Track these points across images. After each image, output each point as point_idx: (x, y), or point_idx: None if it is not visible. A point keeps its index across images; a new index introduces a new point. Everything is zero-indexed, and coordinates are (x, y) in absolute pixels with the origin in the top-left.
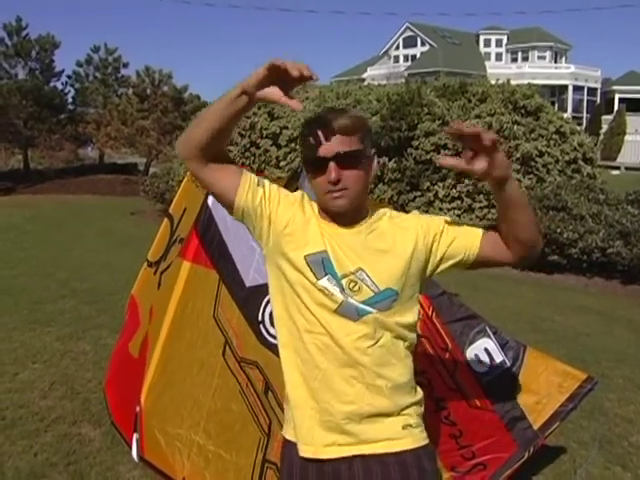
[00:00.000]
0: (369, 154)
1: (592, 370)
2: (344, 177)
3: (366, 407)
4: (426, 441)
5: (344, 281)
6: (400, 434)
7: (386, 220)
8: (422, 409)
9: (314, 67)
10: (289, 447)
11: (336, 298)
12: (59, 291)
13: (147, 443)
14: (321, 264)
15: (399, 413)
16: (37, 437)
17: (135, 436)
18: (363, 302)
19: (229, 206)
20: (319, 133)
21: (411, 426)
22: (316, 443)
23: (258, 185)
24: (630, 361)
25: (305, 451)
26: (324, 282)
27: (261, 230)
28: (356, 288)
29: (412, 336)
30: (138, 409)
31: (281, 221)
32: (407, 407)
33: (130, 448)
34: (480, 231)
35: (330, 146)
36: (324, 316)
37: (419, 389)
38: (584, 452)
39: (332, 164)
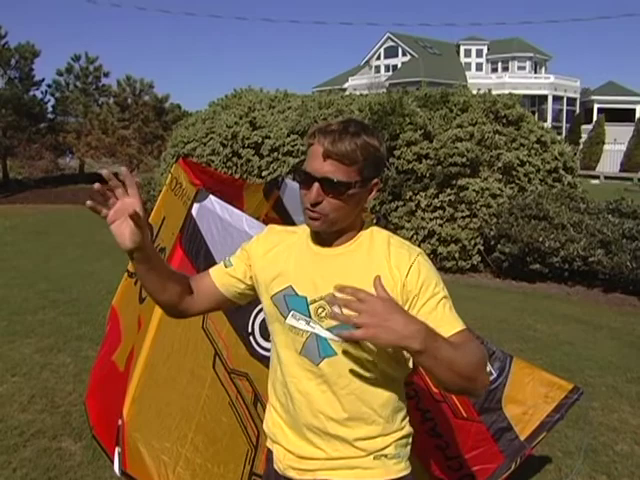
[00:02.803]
0: (365, 185)
1: (576, 379)
2: (325, 202)
3: (334, 453)
4: (402, 473)
5: (313, 307)
6: (372, 464)
7: (379, 248)
8: (407, 440)
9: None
10: (270, 454)
11: (301, 334)
12: (39, 302)
13: (129, 457)
14: (283, 302)
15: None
16: (16, 452)
17: (117, 450)
18: (329, 329)
19: (232, 301)
20: (318, 147)
21: (385, 457)
22: (286, 460)
23: (228, 266)
24: (613, 369)
25: (277, 466)
26: (289, 320)
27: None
28: (324, 314)
29: (394, 378)
30: (120, 422)
31: (261, 273)
32: (384, 438)
33: (112, 462)
34: (453, 329)
35: (322, 167)
36: (290, 359)
37: (407, 425)
38: (569, 461)
39: (316, 185)
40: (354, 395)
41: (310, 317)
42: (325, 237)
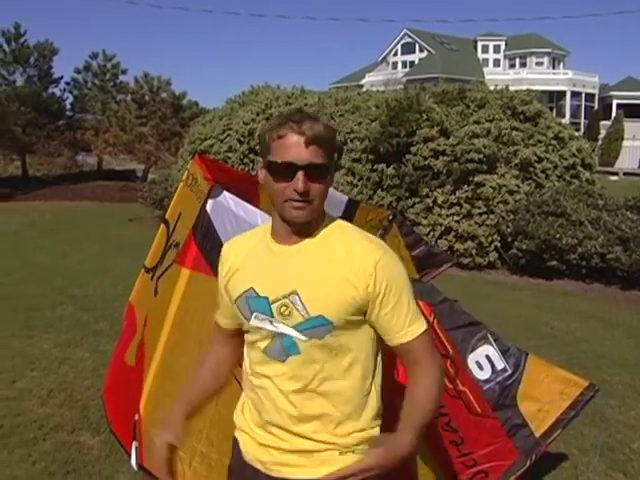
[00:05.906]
0: (333, 168)
1: (592, 376)
2: (311, 189)
3: (295, 447)
4: None
5: (275, 306)
6: (337, 458)
7: (338, 240)
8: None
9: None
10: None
11: (266, 334)
12: (57, 298)
13: (146, 451)
14: (246, 304)
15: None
16: (35, 445)
17: (134, 444)
18: (294, 327)
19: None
20: (294, 136)
21: (352, 452)
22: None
23: (221, 310)
24: (630, 367)
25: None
26: (253, 321)
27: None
28: (287, 312)
29: (361, 374)
30: (137, 417)
31: (230, 287)
32: (351, 434)
33: (129, 456)
34: (416, 332)
35: (303, 154)
36: (256, 357)
37: (376, 427)
38: (585, 459)
39: (301, 173)
40: (316, 392)
41: (273, 316)
42: (285, 234)
